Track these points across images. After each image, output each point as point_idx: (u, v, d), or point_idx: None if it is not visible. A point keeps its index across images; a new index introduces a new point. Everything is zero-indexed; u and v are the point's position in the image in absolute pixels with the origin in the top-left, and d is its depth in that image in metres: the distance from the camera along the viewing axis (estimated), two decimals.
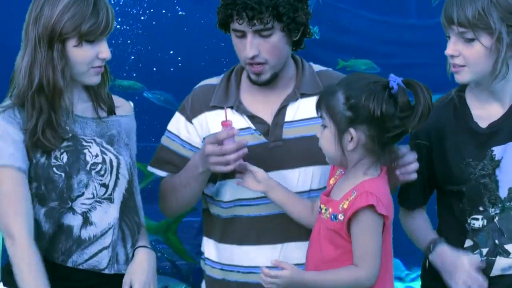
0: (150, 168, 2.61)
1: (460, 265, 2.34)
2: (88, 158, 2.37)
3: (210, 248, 2.57)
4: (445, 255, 2.39)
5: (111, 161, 2.40)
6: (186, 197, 2.52)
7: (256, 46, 2.37)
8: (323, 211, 2.25)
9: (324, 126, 2.22)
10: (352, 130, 2.16)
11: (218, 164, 2.33)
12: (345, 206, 2.18)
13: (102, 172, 2.38)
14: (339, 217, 2.19)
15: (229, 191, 2.49)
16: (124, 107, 2.54)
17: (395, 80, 2.16)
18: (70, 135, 2.37)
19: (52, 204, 2.34)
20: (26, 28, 2.36)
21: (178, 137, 2.56)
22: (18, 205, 2.29)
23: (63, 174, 2.34)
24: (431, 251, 2.42)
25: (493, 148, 2.37)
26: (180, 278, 5.75)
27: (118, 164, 2.42)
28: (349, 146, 2.18)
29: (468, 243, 2.41)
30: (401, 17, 6.93)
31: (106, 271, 2.39)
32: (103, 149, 2.41)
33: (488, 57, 2.29)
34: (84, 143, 2.39)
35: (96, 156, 2.39)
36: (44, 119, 2.33)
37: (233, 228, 2.50)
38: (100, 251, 2.38)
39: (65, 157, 2.35)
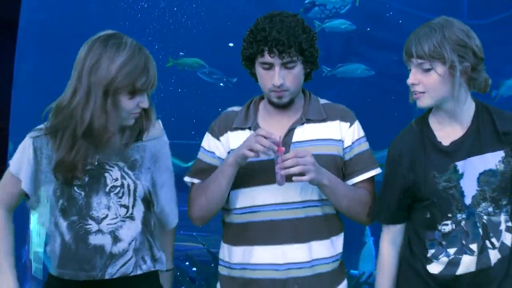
0: (187, 179, 3.07)
1: None
2: (108, 181, 2.72)
3: (225, 251, 3.03)
4: None
5: (128, 185, 2.75)
6: (215, 192, 2.91)
7: (282, 76, 2.85)
8: None
9: None
10: None
11: (249, 148, 2.76)
12: None
13: (120, 195, 2.74)
14: None
15: (241, 199, 2.95)
16: (154, 129, 2.85)
17: None
18: (97, 163, 2.71)
19: (73, 218, 2.71)
20: (80, 71, 2.65)
21: (209, 151, 3.04)
22: (6, 193, 2.81)
23: (82, 193, 2.70)
24: None
25: (456, 163, 2.78)
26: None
27: (135, 188, 2.76)
28: None
29: (431, 251, 2.84)
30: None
31: (132, 274, 2.77)
32: (123, 174, 2.75)
33: (444, 83, 2.72)
34: (107, 167, 2.73)
35: (116, 180, 2.74)
36: (80, 157, 2.67)
37: (245, 232, 2.95)
38: (128, 260, 2.76)
39: (86, 178, 2.70)
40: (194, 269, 6.13)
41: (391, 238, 2.96)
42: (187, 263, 6.18)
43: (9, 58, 4.61)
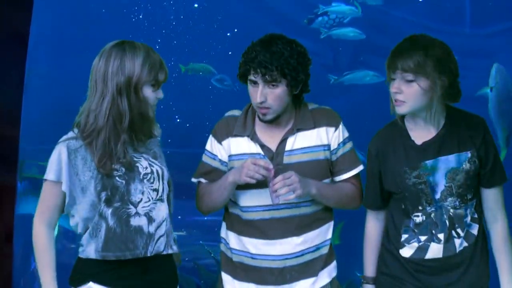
0: (193, 179, 3.49)
1: None
2: (140, 170, 3.10)
3: (227, 236, 3.46)
4: None
5: (157, 171, 3.14)
6: (218, 199, 3.37)
7: (264, 94, 3.23)
8: None
9: None
10: None
11: (248, 176, 3.17)
12: None
13: (152, 180, 3.11)
14: None
15: (245, 198, 3.36)
16: (157, 129, 3.25)
17: None
18: (127, 155, 3.07)
19: (116, 204, 3.05)
20: (104, 76, 3.02)
21: (212, 153, 3.44)
22: (46, 207, 3.07)
23: (123, 182, 3.07)
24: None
25: (426, 162, 3.16)
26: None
27: (163, 173, 3.16)
28: None
29: (404, 236, 3.23)
30: (454, 26, 6.88)
31: (164, 252, 3.13)
32: (150, 163, 3.14)
33: (423, 95, 3.08)
34: (135, 159, 3.11)
35: (146, 168, 3.12)
36: (120, 151, 3.03)
37: (247, 226, 3.37)
38: (159, 238, 3.11)
39: (123, 169, 3.06)
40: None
41: (375, 215, 3.37)
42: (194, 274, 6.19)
43: (20, 68, 4.66)
